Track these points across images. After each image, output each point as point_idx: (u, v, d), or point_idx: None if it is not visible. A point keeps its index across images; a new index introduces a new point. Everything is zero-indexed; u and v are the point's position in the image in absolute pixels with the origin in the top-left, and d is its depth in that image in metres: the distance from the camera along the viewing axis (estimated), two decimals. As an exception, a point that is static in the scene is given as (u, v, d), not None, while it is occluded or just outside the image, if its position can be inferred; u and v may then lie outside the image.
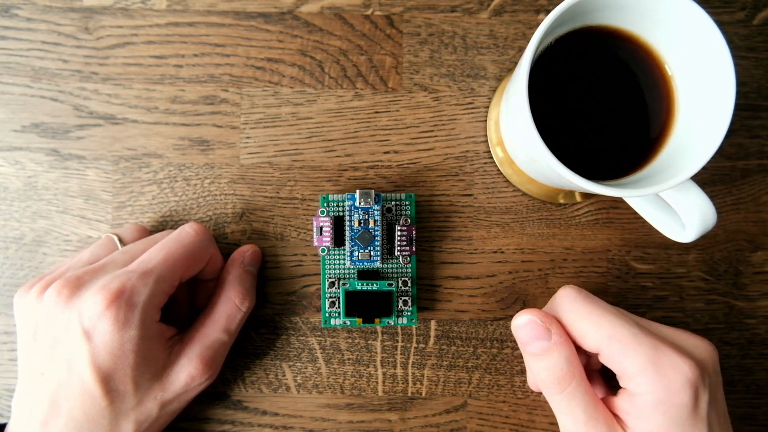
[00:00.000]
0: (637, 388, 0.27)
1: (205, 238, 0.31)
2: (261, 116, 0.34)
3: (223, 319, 0.31)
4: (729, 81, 0.26)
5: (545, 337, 0.28)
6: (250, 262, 0.33)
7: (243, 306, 0.32)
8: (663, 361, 0.26)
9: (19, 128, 0.34)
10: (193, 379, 0.30)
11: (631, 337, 0.27)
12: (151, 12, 0.34)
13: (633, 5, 0.27)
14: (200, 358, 0.30)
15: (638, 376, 0.26)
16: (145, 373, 0.28)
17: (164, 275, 0.29)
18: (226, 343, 0.31)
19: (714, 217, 0.27)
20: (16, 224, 0.34)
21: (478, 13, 0.35)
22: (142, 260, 0.29)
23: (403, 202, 0.33)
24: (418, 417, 0.34)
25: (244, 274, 0.33)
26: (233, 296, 0.32)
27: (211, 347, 0.31)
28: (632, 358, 0.27)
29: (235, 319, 0.31)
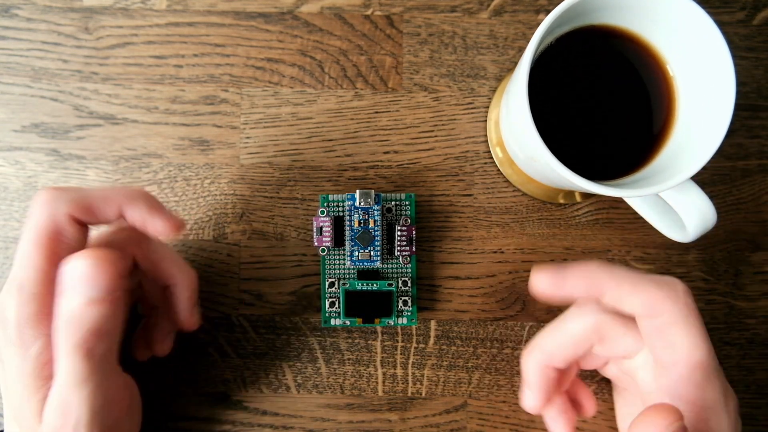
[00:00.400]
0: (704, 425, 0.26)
1: (46, 203, 0.25)
2: (261, 116, 0.34)
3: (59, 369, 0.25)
4: (729, 81, 0.26)
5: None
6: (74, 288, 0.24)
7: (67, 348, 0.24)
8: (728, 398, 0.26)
9: (19, 128, 0.34)
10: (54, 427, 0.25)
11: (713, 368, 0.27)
12: (151, 12, 0.34)
13: (633, 5, 0.27)
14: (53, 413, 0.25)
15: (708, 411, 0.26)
16: (24, 410, 0.25)
17: (24, 276, 0.25)
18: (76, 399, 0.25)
19: (714, 217, 0.27)
20: (16, 224, 0.34)
21: (478, 13, 0.35)
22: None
23: (403, 202, 0.33)
24: (418, 417, 0.34)
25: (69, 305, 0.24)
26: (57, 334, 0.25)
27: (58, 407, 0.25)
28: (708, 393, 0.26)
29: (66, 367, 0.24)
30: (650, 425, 0.23)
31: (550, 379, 0.29)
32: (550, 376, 0.29)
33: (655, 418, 0.23)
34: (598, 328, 0.27)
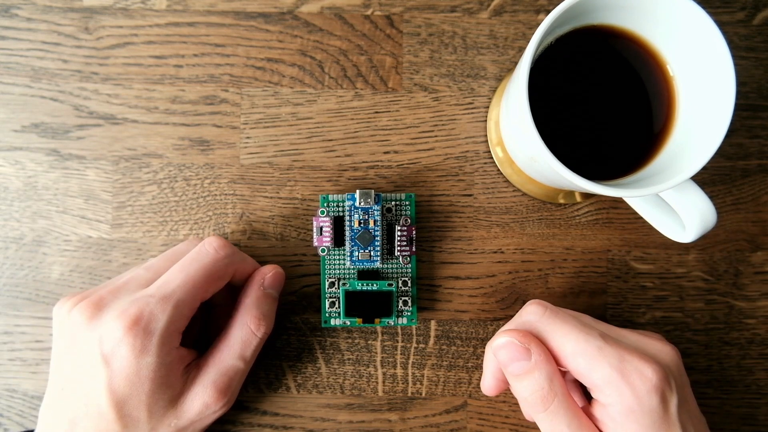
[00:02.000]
0: (607, 399, 0.27)
1: (227, 255, 0.30)
2: (261, 116, 0.34)
3: (238, 346, 0.30)
4: (729, 81, 0.26)
5: (525, 358, 0.28)
6: (271, 285, 0.32)
7: (259, 332, 0.30)
8: (628, 369, 0.27)
9: (19, 128, 0.34)
10: (207, 407, 0.29)
11: (595, 350, 0.27)
12: (151, 12, 0.34)
13: (633, 5, 0.27)
14: (215, 386, 0.29)
15: (606, 387, 0.27)
16: (159, 400, 0.28)
17: (183, 299, 0.28)
18: (242, 370, 0.30)
19: (714, 217, 0.27)
20: (16, 224, 0.34)
21: (478, 13, 0.35)
22: (161, 282, 0.29)
23: (403, 202, 0.33)
24: (418, 417, 0.34)
25: (262, 297, 0.31)
26: (249, 321, 0.30)
27: (226, 374, 0.30)
28: (598, 371, 0.27)
29: (251, 345, 0.30)
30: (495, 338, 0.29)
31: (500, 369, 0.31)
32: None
33: (498, 334, 0.29)
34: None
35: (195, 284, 0.29)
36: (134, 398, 0.28)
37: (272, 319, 0.31)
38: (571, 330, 0.28)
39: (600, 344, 0.27)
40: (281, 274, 0.32)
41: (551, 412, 0.27)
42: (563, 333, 0.28)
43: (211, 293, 0.30)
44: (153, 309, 0.28)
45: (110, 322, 0.27)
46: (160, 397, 0.28)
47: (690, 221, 0.27)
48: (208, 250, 0.30)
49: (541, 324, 0.29)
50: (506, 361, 0.28)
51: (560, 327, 0.28)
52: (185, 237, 0.34)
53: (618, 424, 0.27)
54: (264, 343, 0.31)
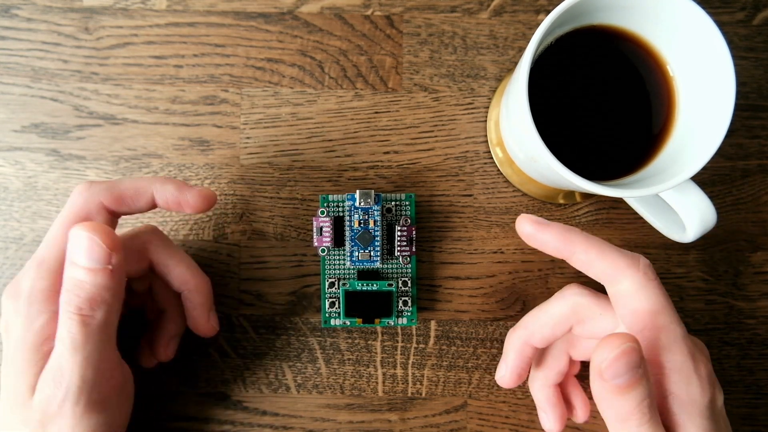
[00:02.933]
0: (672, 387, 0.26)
1: (80, 192, 0.28)
2: (261, 116, 0.34)
3: (59, 327, 0.26)
4: (729, 81, 0.26)
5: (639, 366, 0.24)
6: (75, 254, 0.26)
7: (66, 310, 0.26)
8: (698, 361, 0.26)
9: (19, 128, 0.34)
10: (47, 398, 0.26)
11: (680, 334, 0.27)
12: (151, 12, 0.34)
13: (633, 5, 0.27)
14: (49, 372, 0.26)
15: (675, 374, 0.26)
16: (19, 381, 0.26)
17: (47, 254, 0.27)
18: (69, 359, 0.26)
19: (714, 217, 0.27)
20: (16, 224, 0.34)
21: (478, 13, 0.35)
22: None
23: (403, 202, 0.33)
24: (418, 417, 0.34)
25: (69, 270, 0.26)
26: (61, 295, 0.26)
27: (56, 361, 0.26)
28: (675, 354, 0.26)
29: (64, 326, 0.26)
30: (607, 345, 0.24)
31: (526, 357, 0.31)
32: (527, 354, 0.31)
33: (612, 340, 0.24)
34: (576, 309, 0.29)
35: (54, 235, 0.27)
36: (10, 366, 0.26)
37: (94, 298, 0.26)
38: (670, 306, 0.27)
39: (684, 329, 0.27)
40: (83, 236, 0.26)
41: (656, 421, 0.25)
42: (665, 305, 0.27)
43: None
44: (22, 273, 0.27)
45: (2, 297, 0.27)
46: (20, 377, 0.26)
47: (690, 221, 0.27)
48: (69, 198, 0.28)
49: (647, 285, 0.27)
50: (622, 371, 0.24)
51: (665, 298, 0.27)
52: (185, 237, 0.34)
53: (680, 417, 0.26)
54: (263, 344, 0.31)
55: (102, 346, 0.26)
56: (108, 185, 0.28)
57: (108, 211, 0.28)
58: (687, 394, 0.26)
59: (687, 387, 0.26)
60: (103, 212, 0.28)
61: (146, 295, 0.32)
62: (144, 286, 0.32)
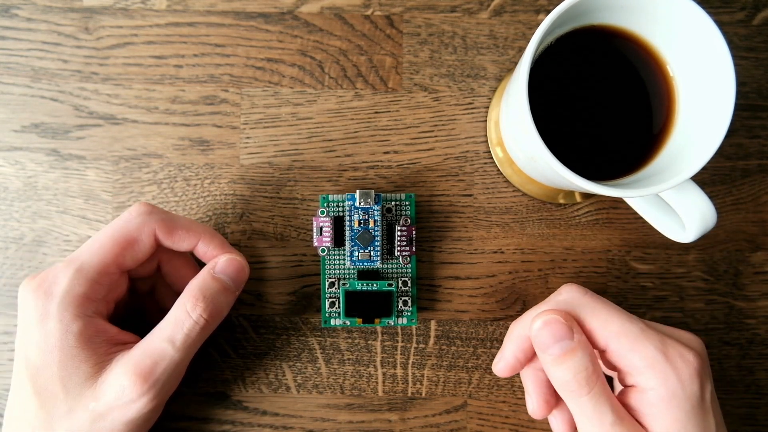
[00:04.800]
0: (648, 383, 0.26)
1: (139, 215, 0.28)
2: (261, 116, 0.34)
3: (169, 327, 0.27)
4: (729, 81, 0.26)
5: (568, 337, 0.26)
6: (223, 270, 0.29)
7: (193, 313, 0.27)
8: (671, 353, 0.26)
9: (19, 128, 0.34)
10: (124, 392, 0.26)
11: (639, 332, 0.27)
12: (151, 12, 0.34)
13: (633, 5, 0.27)
14: (135, 368, 0.26)
15: (648, 370, 0.26)
16: (73, 375, 0.26)
17: (87, 261, 0.27)
18: (170, 355, 0.27)
19: (714, 217, 0.27)
20: (16, 224, 0.34)
21: (478, 13, 0.35)
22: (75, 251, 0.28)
23: (403, 202, 0.33)
24: (418, 417, 0.34)
25: (209, 279, 0.28)
26: (185, 301, 0.27)
27: (150, 356, 0.26)
28: (641, 352, 0.27)
29: (183, 327, 0.27)
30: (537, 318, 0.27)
31: (543, 382, 0.31)
32: (543, 378, 0.31)
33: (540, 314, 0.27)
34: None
35: (101, 246, 0.27)
36: (46, 369, 0.26)
37: (218, 307, 0.28)
38: (614, 311, 0.28)
39: (642, 327, 0.27)
40: (238, 262, 0.29)
41: (596, 394, 0.26)
42: (607, 313, 0.28)
43: (128, 258, 0.28)
44: (56, 273, 0.27)
45: (21, 290, 0.27)
46: (73, 372, 0.26)
47: (690, 221, 0.27)
48: (125, 213, 0.29)
49: (582, 304, 0.28)
50: (548, 341, 0.27)
51: (603, 307, 0.28)
52: (185, 237, 0.34)
53: (658, 410, 0.26)
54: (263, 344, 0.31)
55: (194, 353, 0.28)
56: (167, 217, 0.29)
57: (156, 239, 0.29)
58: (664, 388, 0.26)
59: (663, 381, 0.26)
60: (152, 239, 0.29)
61: (148, 295, 0.32)
62: (147, 286, 0.32)
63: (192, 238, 0.29)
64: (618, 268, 0.35)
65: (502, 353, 0.31)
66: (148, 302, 0.33)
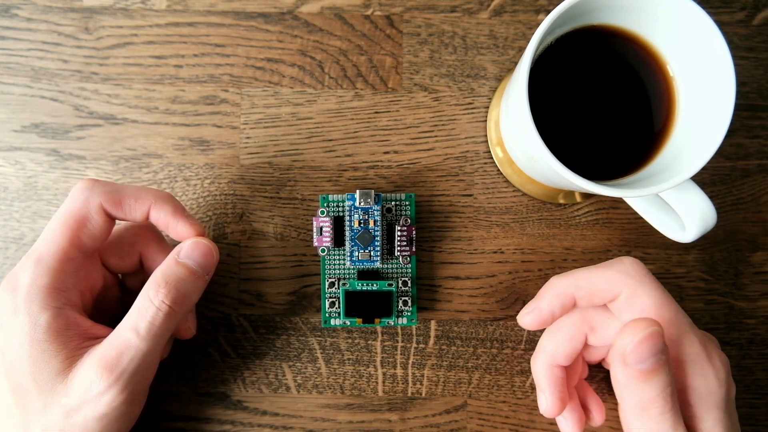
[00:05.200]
0: (686, 380, 0.26)
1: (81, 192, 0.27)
2: (261, 116, 0.34)
3: (133, 315, 0.26)
4: (729, 81, 0.26)
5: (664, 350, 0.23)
6: (188, 255, 0.28)
7: (155, 299, 0.26)
8: (710, 351, 0.26)
9: (19, 128, 0.34)
10: (91, 385, 0.25)
11: (688, 325, 0.27)
12: (151, 12, 0.34)
13: (633, 5, 0.27)
14: (100, 360, 0.26)
15: (690, 366, 0.26)
16: (43, 370, 0.26)
17: (43, 250, 0.26)
18: (136, 345, 0.26)
19: (714, 217, 0.27)
20: (16, 224, 0.34)
21: (478, 13, 0.35)
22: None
23: (403, 202, 0.33)
24: (418, 417, 0.34)
25: (173, 265, 0.27)
26: (148, 288, 0.27)
27: (115, 348, 0.26)
28: (686, 346, 0.26)
29: (146, 314, 0.26)
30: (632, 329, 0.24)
31: (558, 379, 0.30)
32: (558, 375, 0.30)
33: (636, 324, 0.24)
34: (585, 319, 0.29)
35: (53, 231, 0.27)
36: (18, 364, 0.26)
37: (183, 293, 0.27)
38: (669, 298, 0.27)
39: (691, 321, 0.27)
40: (204, 245, 0.28)
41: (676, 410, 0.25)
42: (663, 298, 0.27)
43: (85, 238, 0.27)
44: (19, 268, 0.27)
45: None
46: (43, 367, 0.26)
47: (690, 221, 0.27)
48: (69, 194, 0.28)
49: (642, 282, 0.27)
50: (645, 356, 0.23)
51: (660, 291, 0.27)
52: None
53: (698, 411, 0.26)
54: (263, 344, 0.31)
55: (163, 343, 0.27)
56: (110, 188, 0.28)
57: (106, 213, 0.28)
58: (704, 386, 0.26)
59: (704, 378, 0.26)
60: (102, 214, 0.28)
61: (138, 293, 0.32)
62: (136, 282, 0.32)
63: (142, 205, 0.28)
64: (618, 268, 0.35)
65: (536, 304, 0.30)
66: None
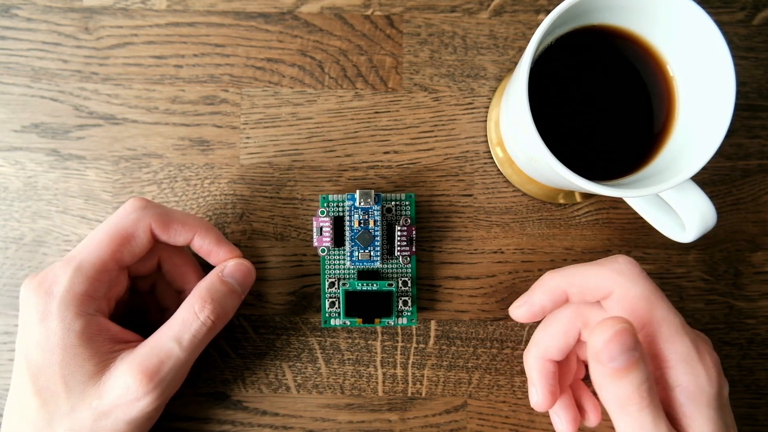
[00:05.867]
0: (677, 378, 0.26)
1: (134, 210, 0.28)
2: (261, 116, 0.34)
3: (177, 326, 0.27)
4: (729, 81, 0.26)
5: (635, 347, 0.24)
6: (231, 274, 0.30)
7: (201, 314, 0.28)
8: (701, 350, 0.26)
9: (19, 128, 0.34)
10: (128, 389, 0.26)
11: (680, 324, 0.27)
12: (151, 12, 0.34)
13: (633, 5, 0.27)
14: (140, 366, 0.26)
15: (680, 365, 0.26)
16: (75, 373, 0.26)
17: (86, 259, 0.27)
18: (176, 355, 0.27)
19: (714, 217, 0.27)
20: (16, 224, 0.34)
21: (478, 13, 0.35)
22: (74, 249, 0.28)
23: (403, 202, 0.33)
24: (418, 417, 0.34)
25: (217, 282, 0.29)
26: (194, 302, 0.28)
27: (156, 355, 0.27)
28: (677, 345, 0.26)
29: (190, 327, 0.27)
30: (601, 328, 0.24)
31: (550, 373, 0.31)
32: (550, 369, 0.31)
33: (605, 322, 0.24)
34: (579, 314, 0.30)
35: (99, 243, 0.27)
36: (47, 368, 0.26)
37: (225, 309, 0.29)
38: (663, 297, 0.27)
39: (683, 320, 0.27)
40: (246, 266, 0.30)
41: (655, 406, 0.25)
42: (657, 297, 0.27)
43: (126, 254, 0.28)
44: (56, 272, 0.27)
45: (23, 289, 0.27)
46: (75, 370, 0.26)
47: (690, 221, 0.27)
48: (120, 209, 0.29)
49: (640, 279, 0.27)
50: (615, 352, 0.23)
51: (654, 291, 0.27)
52: (185, 237, 0.34)
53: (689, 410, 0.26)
54: (263, 344, 0.31)
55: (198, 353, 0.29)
56: (162, 211, 0.29)
57: (152, 234, 0.29)
58: (695, 385, 0.26)
59: (694, 377, 0.26)
60: (149, 234, 0.29)
61: (148, 294, 0.32)
62: (147, 285, 0.32)
63: (188, 232, 0.30)
64: (618, 268, 0.35)
65: (528, 298, 0.30)
66: (149, 301, 0.33)
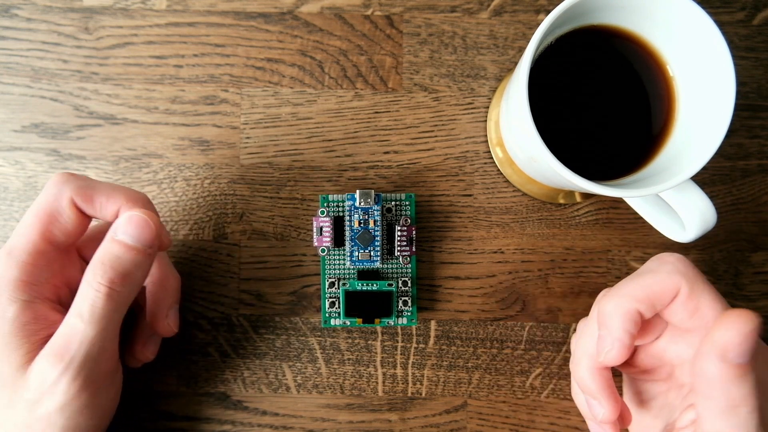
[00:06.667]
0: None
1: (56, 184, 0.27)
2: (261, 116, 0.34)
3: (77, 301, 0.26)
4: (729, 81, 0.26)
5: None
6: (123, 231, 0.26)
7: (94, 282, 0.25)
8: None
9: (19, 128, 0.34)
10: (45, 375, 0.25)
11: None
12: (151, 12, 0.34)
13: (633, 5, 0.27)
14: (49, 348, 0.25)
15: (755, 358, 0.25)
16: (5, 365, 0.26)
17: (14, 244, 0.26)
18: (81, 329, 0.25)
19: (714, 217, 0.27)
20: (16, 224, 0.34)
21: (478, 13, 0.35)
22: None
23: (403, 202, 0.33)
24: (418, 417, 0.34)
25: (109, 245, 0.26)
26: (87, 272, 0.26)
27: (62, 335, 0.25)
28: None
29: (87, 298, 0.25)
30: (735, 322, 0.22)
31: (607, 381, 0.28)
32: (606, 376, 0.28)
33: (739, 317, 0.22)
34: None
35: (25, 225, 0.27)
36: None
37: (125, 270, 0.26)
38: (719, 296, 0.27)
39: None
40: (138, 217, 0.26)
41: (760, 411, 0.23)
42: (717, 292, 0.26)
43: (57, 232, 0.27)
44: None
45: None
46: (5, 361, 0.26)
47: (690, 221, 0.27)
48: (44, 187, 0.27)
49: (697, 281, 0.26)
50: (748, 350, 0.22)
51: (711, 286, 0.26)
52: (185, 237, 0.34)
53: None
54: (263, 344, 0.31)
55: (113, 326, 0.26)
56: (83, 183, 0.27)
57: (77, 208, 0.27)
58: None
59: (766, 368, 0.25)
60: (73, 209, 0.27)
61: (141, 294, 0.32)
62: None
63: (112, 205, 0.27)
64: (618, 268, 0.35)
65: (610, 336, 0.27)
66: (142, 300, 0.32)
